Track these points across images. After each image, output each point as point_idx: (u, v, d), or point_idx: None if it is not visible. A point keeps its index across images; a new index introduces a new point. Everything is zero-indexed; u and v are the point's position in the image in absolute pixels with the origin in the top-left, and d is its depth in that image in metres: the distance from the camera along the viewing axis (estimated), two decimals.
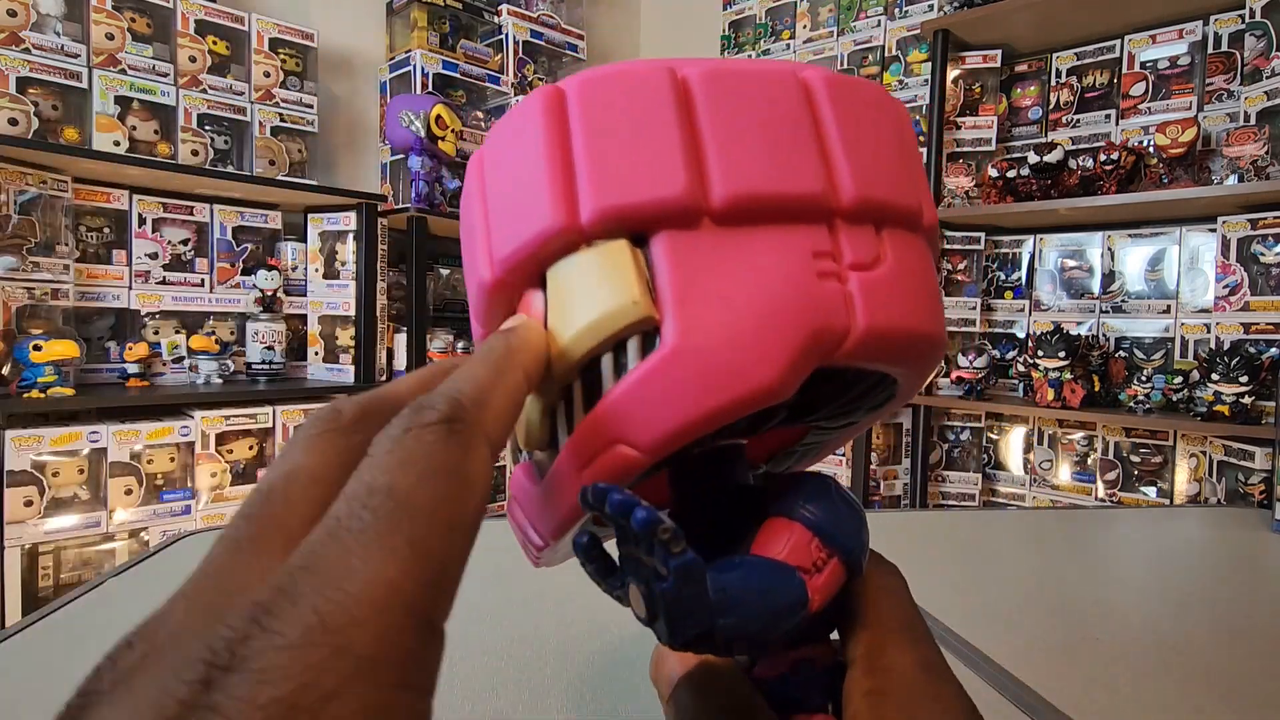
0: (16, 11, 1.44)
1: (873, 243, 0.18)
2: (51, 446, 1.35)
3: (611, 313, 0.16)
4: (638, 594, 0.17)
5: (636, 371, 0.16)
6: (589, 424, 0.17)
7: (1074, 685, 0.38)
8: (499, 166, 0.19)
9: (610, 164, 0.17)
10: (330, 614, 0.11)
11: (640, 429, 0.16)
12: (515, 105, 0.19)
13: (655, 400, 0.16)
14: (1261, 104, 1.49)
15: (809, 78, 0.18)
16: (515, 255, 0.18)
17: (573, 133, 0.17)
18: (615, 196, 0.17)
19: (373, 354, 1.80)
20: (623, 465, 0.16)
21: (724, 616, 0.16)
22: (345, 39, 2.05)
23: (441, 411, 0.14)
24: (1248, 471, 1.42)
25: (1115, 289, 1.76)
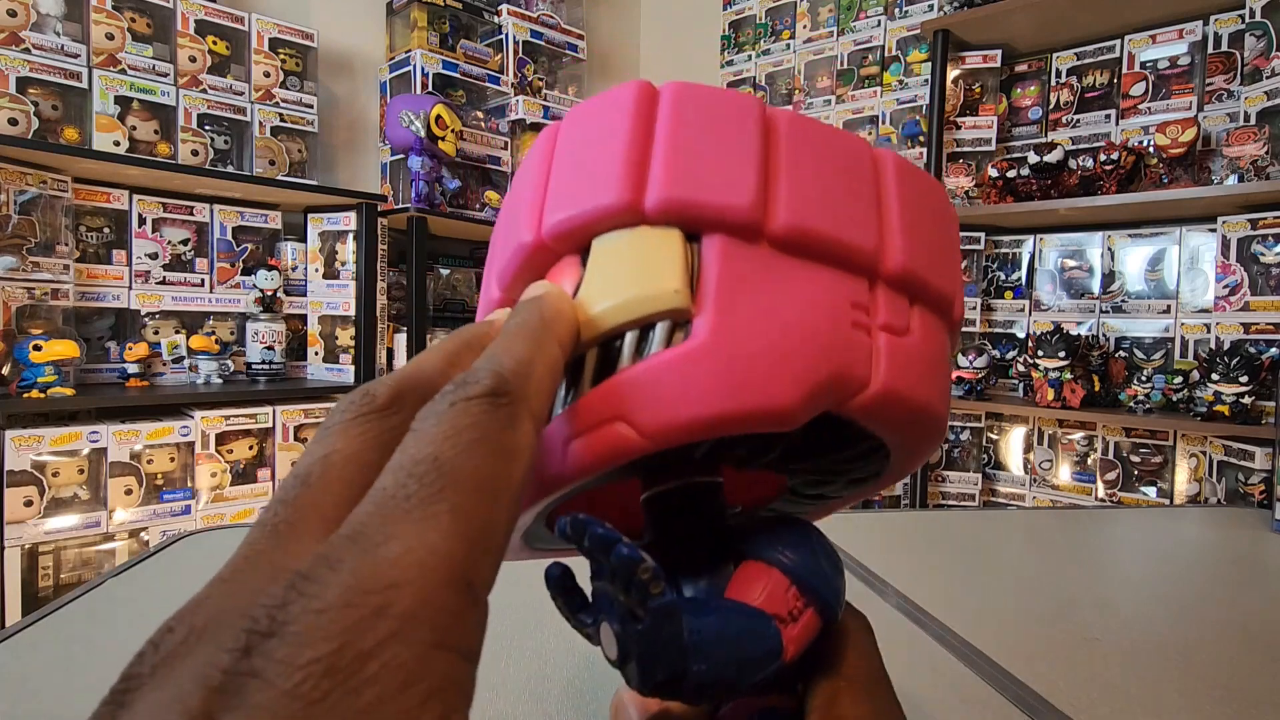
0: (16, 11, 1.44)
1: (906, 312, 0.19)
2: (51, 446, 1.35)
3: (652, 295, 0.17)
4: (610, 634, 0.16)
5: (660, 356, 0.16)
6: (596, 395, 0.17)
7: (1074, 685, 0.38)
8: (576, 138, 0.19)
9: (687, 160, 0.17)
10: (368, 576, 0.11)
11: (648, 412, 0.16)
12: (610, 90, 0.19)
13: (671, 388, 0.16)
14: (1261, 104, 1.49)
15: (881, 153, 0.20)
16: (569, 222, 0.18)
17: (658, 123, 0.18)
18: (684, 190, 0.17)
19: (373, 354, 1.80)
20: (617, 444, 0.16)
21: (697, 663, 0.16)
22: (345, 39, 2.05)
23: (486, 385, 0.14)
24: (1248, 471, 1.42)
25: (1115, 289, 1.76)
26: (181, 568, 0.54)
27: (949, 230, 0.20)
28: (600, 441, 0.16)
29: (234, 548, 0.13)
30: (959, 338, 0.21)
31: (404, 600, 0.11)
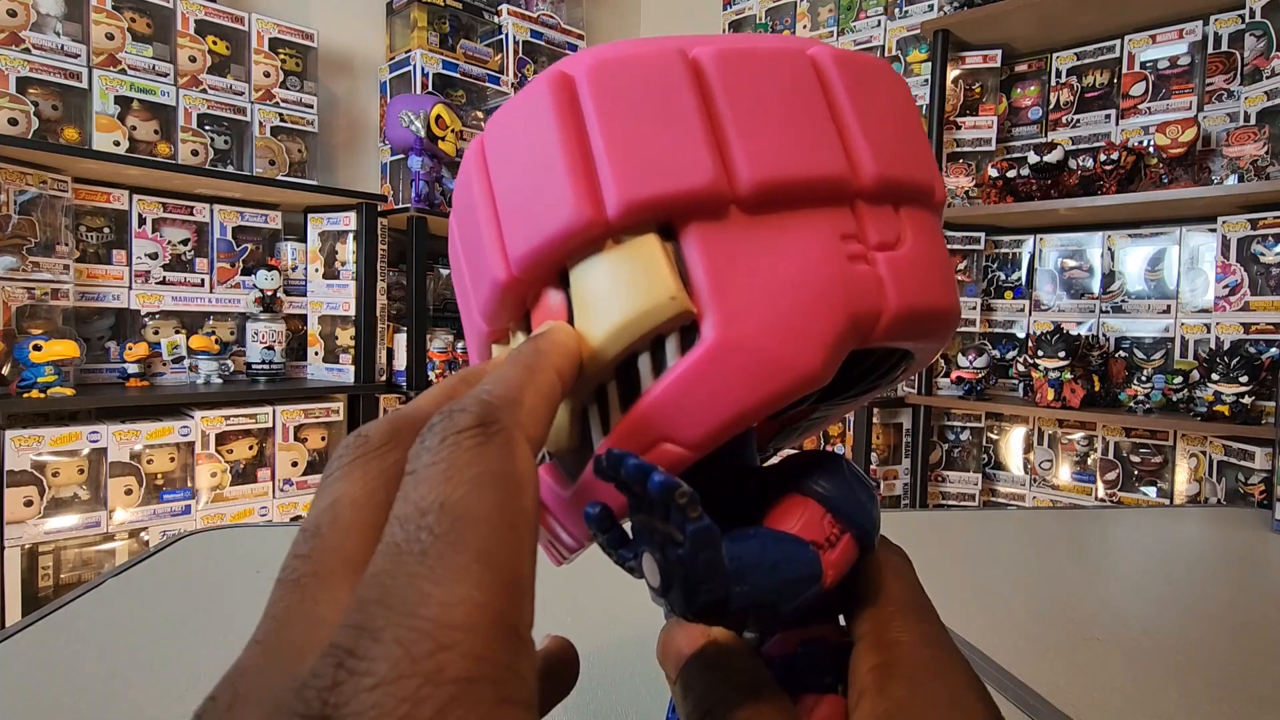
0: (16, 11, 1.44)
1: (894, 222, 0.18)
2: (51, 446, 1.35)
3: (649, 309, 0.16)
4: (652, 562, 0.16)
5: (679, 368, 0.16)
6: (629, 424, 0.17)
7: (1074, 685, 0.38)
8: (507, 158, 0.18)
9: (632, 153, 0.16)
10: (414, 643, 0.10)
11: (686, 426, 0.16)
12: (519, 92, 0.18)
13: (701, 396, 0.16)
14: (1261, 104, 1.49)
15: (817, 55, 0.18)
16: (536, 253, 0.17)
17: (587, 120, 0.17)
18: (641, 188, 0.16)
19: (373, 354, 1.80)
20: (668, 464, 0.16)
21: (739, 585, 0.16)
22: (345, 39, 2.05)
23: (474, 414, 0.13)
24: (1248, 471, 1.42)
25: (1115, 289, 1.76)
26: (181, 568, 0.54)
27: (908, 113, 0.19)
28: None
29: (233, 548, 0.13)
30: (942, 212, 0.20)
31: (457, 663, 0.10)
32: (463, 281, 0.21)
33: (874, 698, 0.17)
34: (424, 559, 0.11)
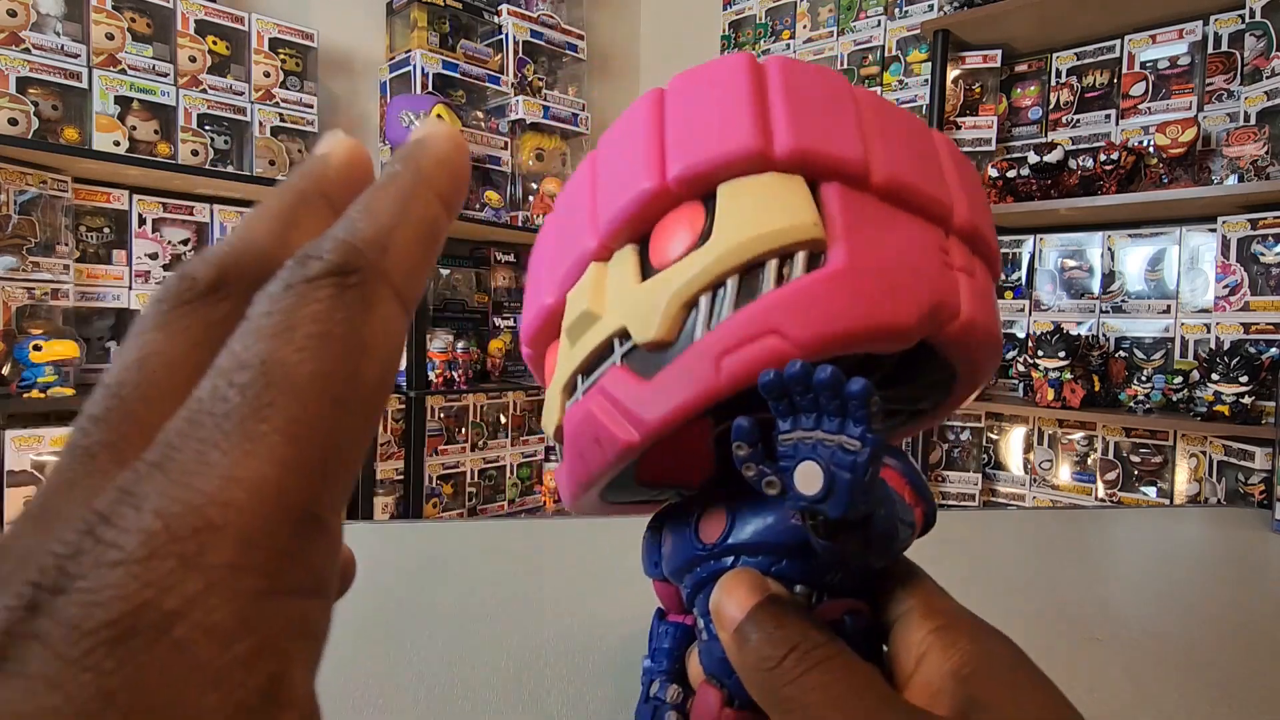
0: (16, 11, 1.44)
1: (971, 258, 0.22)
2: (51, 446, 1.35)
3: (794, 225, 0.19)
4: (815, 470, 0.17)
5: (804, 279, 0.19)
6: (745, 315, 0.19)
7: (1074, 685, 0.38)
8: (688, 99, 0.21)
9: (805, 116, 0.20)
10: (178, 518, 0.09)
11: (799, 326, 0.18)
12: (714, 61, 0.22)
13: (819, 305, 0.18)
14: (1261, 104, 1.49)
15: (932, 131, 0.23)
16: (699, 166, 0.20)
17: (770, 85, 0.21)
18: (809, 141, 0.20)
19: None
20: (771, 354, 0.18)
21: (882, 507, 0.18)
22: (345, 39, 2.05)
23: (330, 262, 0.11)
24: (1248, 471, 1.42)
25: (1115, 289, 1.76)
26: None
27: (983, 192, 0.24)
28: (754, 354, 0.18)
29: None
30: None
31: (222, 547, 0.09)
32: (585, 207, 0.22)
33: (941, 652, 0.18)
34: (223, 421, 0.10)
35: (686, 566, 0.22)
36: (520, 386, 2.15)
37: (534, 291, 0.24)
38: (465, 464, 2.10)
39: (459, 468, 2.08)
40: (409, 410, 1.90)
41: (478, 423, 2.12)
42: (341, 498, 0.11)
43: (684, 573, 0.22)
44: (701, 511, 0.22)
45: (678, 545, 0.22)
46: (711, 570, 0.21)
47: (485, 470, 2.15)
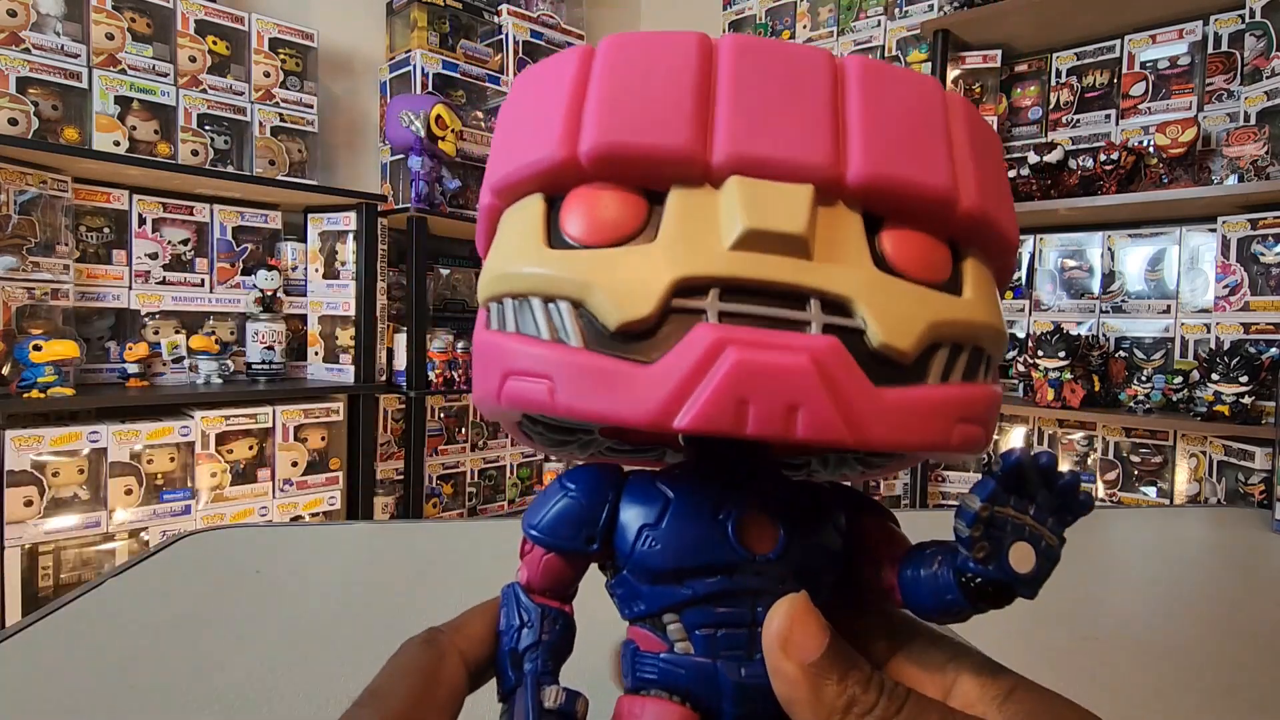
0: (16, 11, 1.44)
1: None
2: (51, 446, 1.35)
3: None
4: (1030, 553, 0.18)
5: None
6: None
7: (1074, 685, 0.38)
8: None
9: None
10: None
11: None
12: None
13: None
14: (1261, 104, 1.49)
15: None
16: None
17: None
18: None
19: (373, 354, 1.80)
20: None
21: None
22: (345, 39, 2.05)
23: (423, 635, 0.20)
24: (1248, 471, 1.42)
25: (1115, 289, 1.76)
26: (181, 568, 0.54)
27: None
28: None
29: (233, 548, 0.13)
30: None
31: None
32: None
33: (973, 679, 0.19)
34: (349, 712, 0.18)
35: (715, 569, 0.19)
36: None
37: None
38: (465, 464, 2.10)
39: (459, 468, 2.08)
40: (409, 410, 1.90)
41: (478, 423, 2.12)
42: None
43: (702, 574, 0.19)
44: (739, 513, 0.20)
45: (704, 541, 0.19)
46: (753, 586, 0.19)
47: (485, 470, 2.15)
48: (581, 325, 0.17)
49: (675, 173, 0.17)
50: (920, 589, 0.19)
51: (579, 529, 0.20)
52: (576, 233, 0.18)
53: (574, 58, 0.19)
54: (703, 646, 0.19)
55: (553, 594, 0.21)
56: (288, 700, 0.35)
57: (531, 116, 0.19)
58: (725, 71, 0.18)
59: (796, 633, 0.18)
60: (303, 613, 0.46)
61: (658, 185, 0.18)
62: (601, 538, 0.20)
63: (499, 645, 0.21)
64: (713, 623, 0.19)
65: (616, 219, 0.18)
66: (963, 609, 0.18)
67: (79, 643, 0.41)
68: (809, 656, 0.18)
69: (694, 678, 0.19)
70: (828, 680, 0.17)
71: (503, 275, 0.19)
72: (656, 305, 0.16)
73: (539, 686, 0.20)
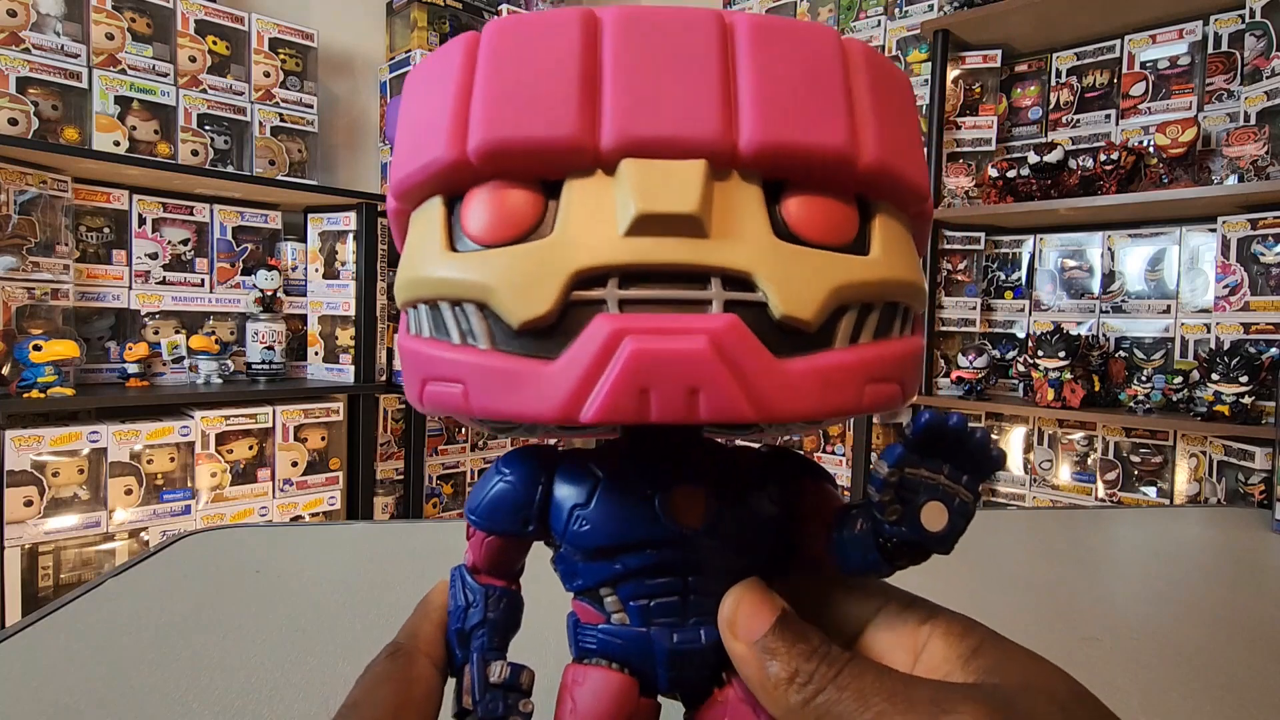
0: (16, 11, 1.44)
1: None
2: (51, 446, 1.35)
3: None
4: (941, 511, 0.18)
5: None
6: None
7: None
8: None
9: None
10: None
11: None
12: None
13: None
14: (1261, 104, 1.49)
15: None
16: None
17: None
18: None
19: (373, 354, 1.80)
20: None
21: None
22: (345, 39, 2.05)
23: (385, 650, 0.21)
24: (1248, 471, 1.42)
25: (1115, 289, 1.76)
26: (181, 568, 0.54)
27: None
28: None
29: (233, 548, 0.13)
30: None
31: None
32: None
33: (943, 640, 0.19)
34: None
35: (644, 544, 0.20)
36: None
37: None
38: (465, 464, 2.10)
39: (459, 468, 2.08)
40: (409, 410, 1.90)
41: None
42: None
43: (633, 549, 0.20)
44: (668, 489, 0.20)
45: (632, 518, 0.20)
46: (682, 558, 0.20)
47: (485, 470, 2.15)
48: (488, 326, 0.17)
49: (567, 162, 0.17)
50: (846, 550, 0.20)
51: (515, 513, 0.21)
52: (476, 232, 0.18)
53: (459, 49, 0.18)
54: (637, 617, 0.20)
55: (498, 573, 0.22)
56: (288, 700, 0.35)
57: (421, 116, 0.19)
58: (610, 50, 0.17)
59: (743, 615, 0.19)
60: (303, 613, 0.46)
61: (553, 176, 0.17)
62: (537, 519, 0.21)
63: (448, 625, 0.22)
64: (646, 594, 0.20)
65: (512, 215, 0.17)
66: (881, 568, 0.19)
67: (79, 643, 0.41)
68: (754, 636, 0.19)
69: (630, 646, 0.20)
70: (774, 656, 0.18)
71: (411, 281, 0.19)
72: (555, 301, 0.16)
73: (485, 662, 0.21)
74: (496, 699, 0.21)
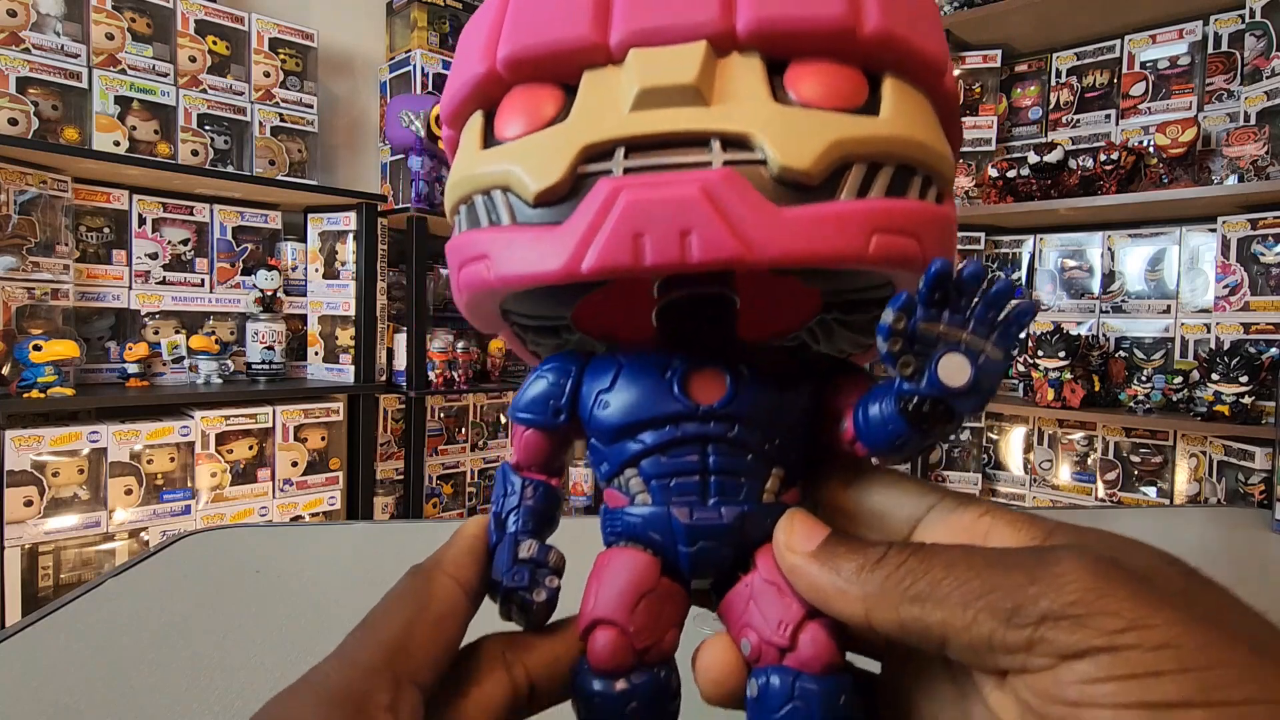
0: (16, 11, 1.44)
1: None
2: (51, 446, 1.35)
3: None
4: (964, 365, 0.17)
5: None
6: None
7: None
8: None
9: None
10: (310, 676, 0.18)
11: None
12: None
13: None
14: (1261, 104, 1.49)
15: None
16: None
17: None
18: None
19: (373, 354, 1.80)
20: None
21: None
22: (345, 39, 2.05)
23: (411, 570, 0.21)
24: (1248, 471, 1.42)
25: (1115, 289, 1.76)
26: (181, 568, 0.54)
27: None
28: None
29: (233, 548, 0.13)
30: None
31: (333, 681, 0.17)
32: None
33: (1009, 528, 0.17)
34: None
35: (661, 420, 0.20)
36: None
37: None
38: (465, 464, 2.10)
39: (459, 468, 2.08)
40: (409, 410, 1.90)
41: (477, 423, 2.12)
42: (419, 672, 0.18)
43: (649, 427, 0.20)
44: (686, 369, 0.21)
45: (650, 396, 0.20)
46: (698, 433, 0.20)
47: (485, 470, 2.15)
48: (509, 204, 0.19)
49: (582, 60, 0.19)
50: (871, 429, 0.19)
51: (548, 404, 0.22)
52: (504, 132, 0.20)
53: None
54: (658, 495, 0.20)
55: (538, 469, 0.23)
56: None
57: (463, 49, 0.21)
58: None
59: (798, 530, 0.19)
60: (303, 613, 0.46)
61: (570, 76, 0.19)
62: (568, 409, 0.22)
63: (490, 514, 0.23)
64: (666, 473, 0.20)
65: (534, 111, 0.19)
66: (907, 437, 0.18)
67: (79, 643, 0.41)
68: (811, 545, 0.18)
69: (651, 525, 0.20)
70: (835, 557, 0.18)
71: (453, 184, 0.21)
72: (566, 171, 0.18)
73: (516, 541, 0.21)
74: (523, 572, 0.21)
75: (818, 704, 0.18)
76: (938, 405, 0.17)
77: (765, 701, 0.18)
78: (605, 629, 0.20)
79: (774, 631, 0.19)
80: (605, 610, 0.20)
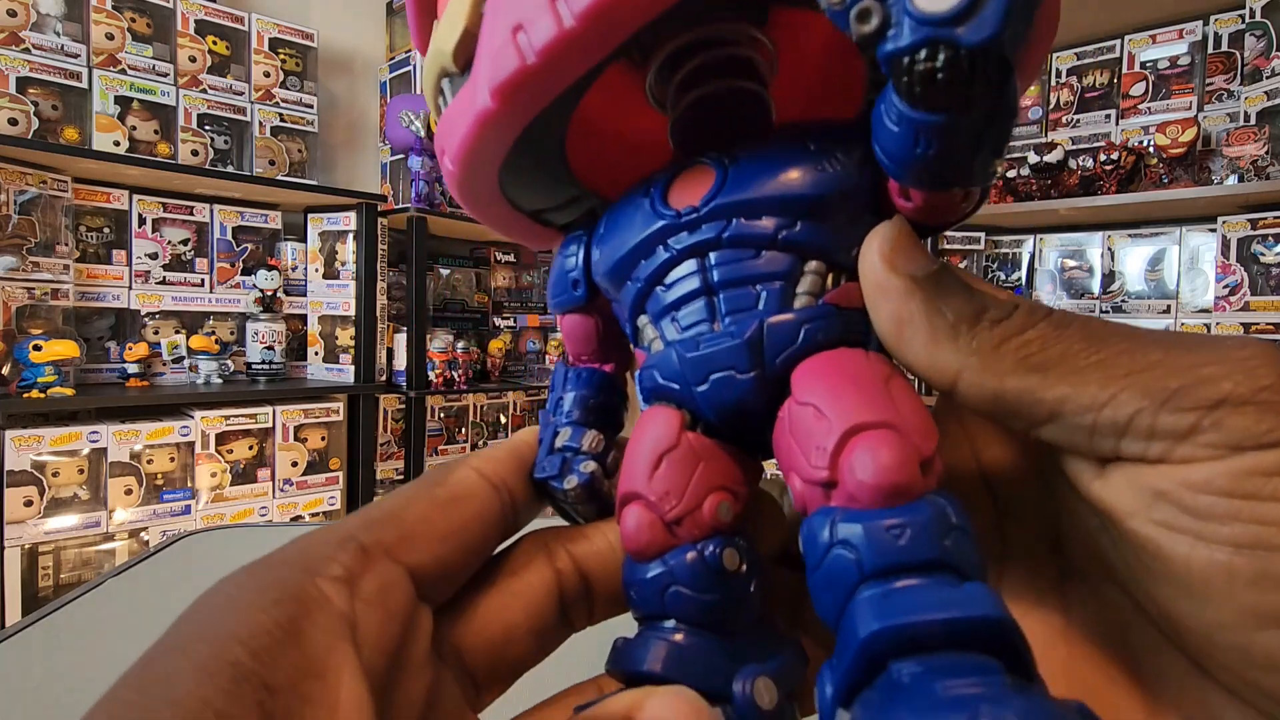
0: (16, 11, 1.44)
1: None
2: (51, 446, 1.35)
3: None
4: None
5: None
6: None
7: None
8: None
9: None
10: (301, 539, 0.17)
11: None
12: None
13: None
14: (1261, 104, 1.49)
15: None
16: None
17: None
18: None
19: (373, 354, 1.80)
20: None
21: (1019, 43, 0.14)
22: (345, 39, 2.05)
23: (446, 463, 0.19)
24: None
25: (1115, 289, 1.76)
26: (181, 568, 0.54)
27: None
28: None
29: (233, 548, 0.14)
30: None
31: (314, 552, 0.16)
32: None
33: None
34: None
35: (644, 248, 0.17)
36: (520, 386, 2.15)
37: None
38: None
39: None
40: (409, 410, 1.90)
41: (478, 423, 2.12)
42: (415, 552, 0.17)
43: (638, 258, 0.18)
44: (671, 177, 0.18)
45: (630, 223, 0.18)
46: (688, 244, 0.17)
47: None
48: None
49: None
50: (888, 145, 0.14)
51: (565, 279, 0.20)
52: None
53: None
54: (667, 334, 0.18)
55: (588, 356, 0.21)
56: None
57: None
58: None
59: (901, 244, 0.15)
60: None
61: None
62: (585, 281, 0.20)
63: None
64: (668, 306, 0.17)
65: None
66: (930, 128, 0.13)
67: (79, 643, 0.41)
68: (919, 270, 0.14)
69: (662, 371, 0.17)
70: (948, 293, 0.14)
71: (436, 51, 0.18)
72: None
73: (555, 430, 0.20)
74: (555, 460, 0.19)
75: (870, 549, 0.13)
76: (937, 51, 0.12)
77: (808, 558, 0.14)
78: (630, 505, 0.17)
79: (810, 463, 0.14)
80: (627, 483, 0.17)
